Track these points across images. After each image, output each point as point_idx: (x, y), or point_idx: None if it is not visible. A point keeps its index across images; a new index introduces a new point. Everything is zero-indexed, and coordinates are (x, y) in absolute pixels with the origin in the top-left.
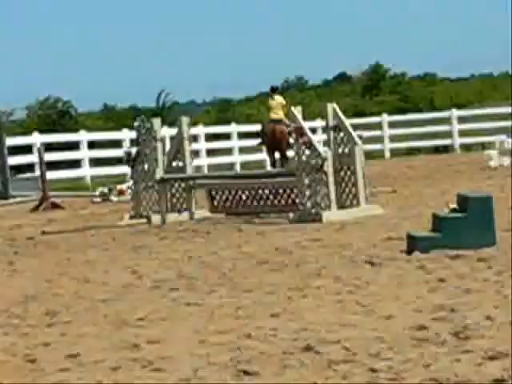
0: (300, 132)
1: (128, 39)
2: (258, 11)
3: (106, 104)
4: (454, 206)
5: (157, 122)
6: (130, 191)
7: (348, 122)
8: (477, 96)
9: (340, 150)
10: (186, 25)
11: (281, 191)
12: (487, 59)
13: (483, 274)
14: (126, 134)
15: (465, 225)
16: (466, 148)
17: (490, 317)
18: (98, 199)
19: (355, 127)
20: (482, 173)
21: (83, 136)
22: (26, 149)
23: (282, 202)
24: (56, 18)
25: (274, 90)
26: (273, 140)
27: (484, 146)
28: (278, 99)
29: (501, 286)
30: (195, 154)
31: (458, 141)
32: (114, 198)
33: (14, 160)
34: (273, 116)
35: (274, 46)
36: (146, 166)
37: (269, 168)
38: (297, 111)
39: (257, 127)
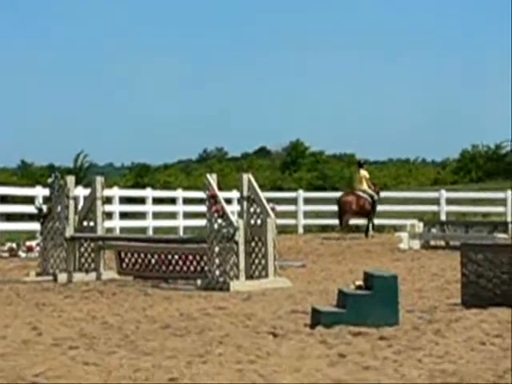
0: (213, 200)
1: (52, 100)
2: (182, 81)
3: (23, 161)
4: (360, 283)
5: (71, 179)
6: (38, 248)
7: (262, 195)
8: (393, 180)
9: (252, 221)
10: (110, 90)
11: (190, 257)
12: (404, 145)
13: (383, 353)
14: (40, 191)
15: (369, 302)
16: (379, 229)
17: None
18: (6, 254)
19: (270, 200)
20: (391, 254)
21: None
22: None
23: (191, 268)
24: None
25: (360, 165)
26: (340, 206)
27: (396, 229)
28: (362, 173)
29: (399, 365)
30: (108, 215)
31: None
32: (22, 254)
33: None
34: (355, 187)
35: (196, 116)
36: (56, 224)
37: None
38: (212, 179)
39: (172, 193)
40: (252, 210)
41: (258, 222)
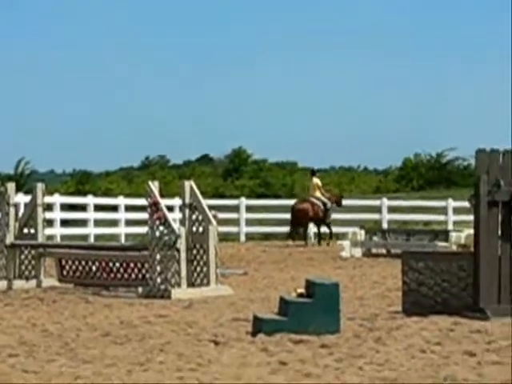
0: (155, 207)
1: None
2: (123, 87)
3: None
4: (302, 290)
5: (11, 186)
6: None
7: (204, 202)
8: (335, 188)
9: (194, 229)
10: (49, 97)
11: (132, 265)
12: (347, 153)
13: (324, 360)
14: None
15: (310, 310)
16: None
17: None
18: None
19: (213, 208)
20: (333, 262)
21: None
22: None
23: (132, 276)
24: None
25: (313, 173)
26: (295, 214)
27: (338, 237)
28: (315, 181)
29: (340, 373)
30: (49, 222)
31: (312, 229)
32: None
33: None
34: (309, 194)
35: (139, 123)
36: None
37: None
38: (153, 186)
39: (114, 200)
40: (194, 217)
41: (200, 229)
